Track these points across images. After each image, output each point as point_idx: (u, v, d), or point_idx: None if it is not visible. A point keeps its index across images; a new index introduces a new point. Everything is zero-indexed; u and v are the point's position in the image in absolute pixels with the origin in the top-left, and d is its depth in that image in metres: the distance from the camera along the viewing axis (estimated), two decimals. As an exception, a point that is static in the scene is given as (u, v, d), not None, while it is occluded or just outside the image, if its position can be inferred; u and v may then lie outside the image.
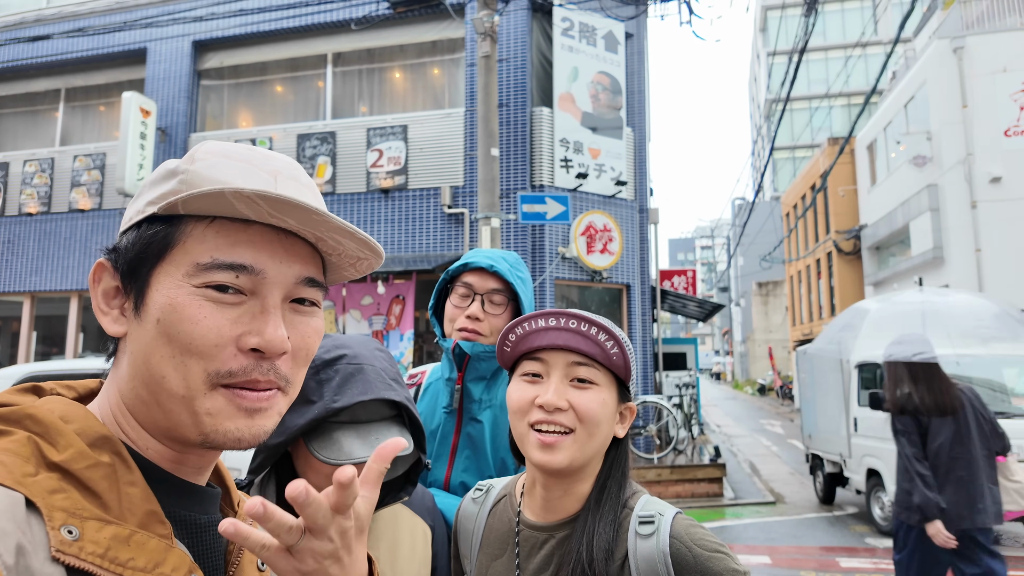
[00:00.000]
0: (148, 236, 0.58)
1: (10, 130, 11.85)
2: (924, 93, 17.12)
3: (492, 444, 1.52)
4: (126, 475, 0.56)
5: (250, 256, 0.58)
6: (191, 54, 10.55)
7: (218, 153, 0.62)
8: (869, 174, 22.05)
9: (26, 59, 11.18)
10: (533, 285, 8.47)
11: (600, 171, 9.33)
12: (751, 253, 37.69)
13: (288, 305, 0.62)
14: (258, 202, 0.56)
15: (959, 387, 3.39)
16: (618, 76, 9.67)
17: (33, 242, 10.75)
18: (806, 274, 28.79)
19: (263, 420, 0.60)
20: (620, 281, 9.44)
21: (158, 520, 0.56)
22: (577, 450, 0.98)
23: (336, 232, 0.60)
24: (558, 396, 0.98)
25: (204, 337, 0.56)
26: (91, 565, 0.49)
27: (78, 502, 0.51)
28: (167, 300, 0.57)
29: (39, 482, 0.50)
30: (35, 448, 0.53)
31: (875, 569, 5.69)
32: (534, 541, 1.04)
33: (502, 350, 1.07)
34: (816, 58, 37.55)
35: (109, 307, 0.61)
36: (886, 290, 20.67)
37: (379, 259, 0.66)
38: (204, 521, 0.63)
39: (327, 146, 9.61)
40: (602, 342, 1.00)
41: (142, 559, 0.53)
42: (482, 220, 6.86)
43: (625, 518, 1.01)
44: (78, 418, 0.56)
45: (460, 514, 1.16)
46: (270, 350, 0.58)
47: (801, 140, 37.21)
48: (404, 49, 10.00)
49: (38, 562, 0.47)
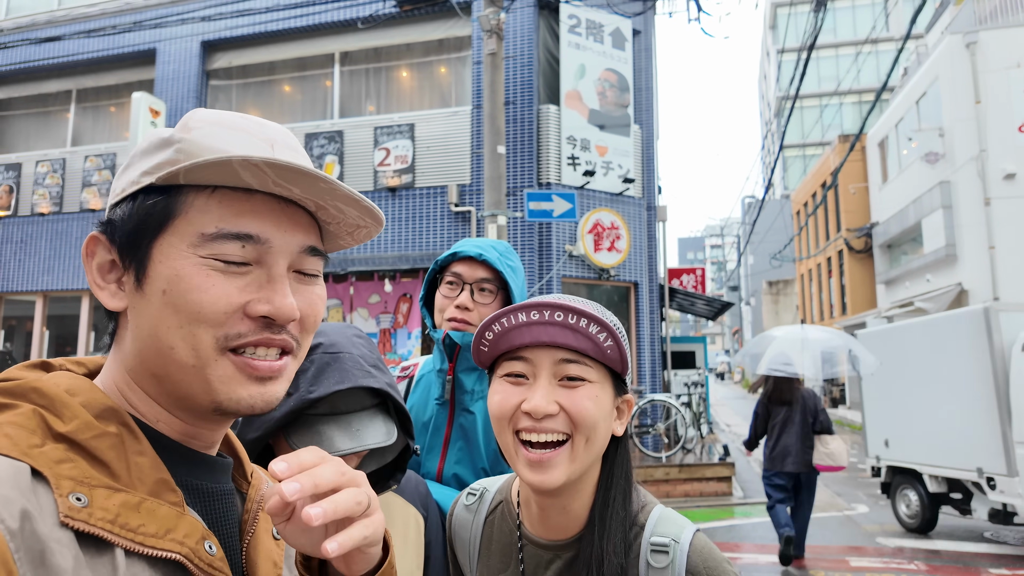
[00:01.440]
0: (147, 207, 0.57)
1: (23, 131, 11.97)
2: (936, 89, 16.94)
3: (485, 435, 1.50)
4: (134, 445, 0.55)
5: (255, 226, 0.58)
6: (200, 54, 10.62)
7: (213, 122, 0.61)
8: (880, 171, 21.85)
9: (38, 61, 11.28)
10: (540, 283, 8.46)
11: (607, 168, 9.29)
12: (761, 251, 37.47)
13: (292, 274, 0.61)
14: (265, 170, 0.55)
15: (802, 390, 5.64)
16: (625, 73, 9.63)
17: (45, 242, 10.85)
18: (817, 272, 28.58)
19: (275, 386, 0.60)
20: (628, 279, 9.40)
21: (169, 488, 0.55)
22: (574, 463, 0.87)
23: (341, 200, 0.60)
24: (546, 400, 0.85)
25: (214, 304, 0.56)
26: (101, 531, 0.49)
27: (86, 471, 0.51)
28: (172, 271, 0.56)
29: (46, 452, 0.50)
30: (40, 420, 0.52)
31: (886, 568, 5.63)
32: (539, 560, 0.95)
33: (479, 349, 0.93)
34: (826, 55, 37.27)
35: (106, 281, 0.60)
36: (898, 288, 20.49)
37: (379, 226, 0.66)
38: (216, 490, 0.62)
39: (335, 145, 9.64)
40: (594, 335, 0.86)
41: (153, 526, 0.52)
42: (489, 218, 6.85)
43: (636, 538, 0.90)
44: (83, 391, 0.56)
45: (454, 521, 1.10)
46: (281, 317, 0.58)
47: (811, 137, 36.94)
48: (411, 48, 10.00)
49: (46, 527, 0.47)
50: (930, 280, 18.07)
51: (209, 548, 0.56)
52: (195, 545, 0.54)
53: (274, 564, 0.64)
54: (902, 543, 6.39)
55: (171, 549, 0.52)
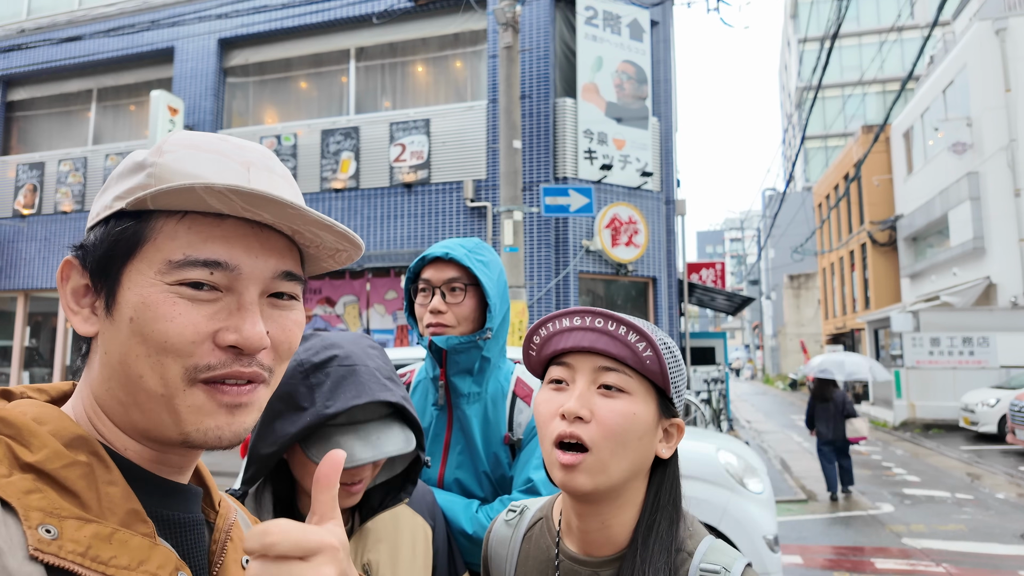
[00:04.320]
0: (117, 233, 0.57)
1: (45, 130, 12.15)
2: (964, 77, 16.52)
3: (484, 439, 1.48)
4: (104, 474, 0.54)
5: (224, 252, 0.57)
6: (217, 52, 10.67)
7: (187, 144, 0.60)
8: (905, 162, 21.41)
9: (59, 60, 11.43)
10: (557, 278, 8.38)
11: (625, 162, 9.17)
12: (782, 245, 37.00)
13: (266, 300, 0.60)
14: (231, 197, 0.54)
15: (836, 391, 8.35)
16: (643, 65, 9.49)
17: (69, 240, 11.00)
18: (839, 266, 28.14)
19: (244, 416, 0.58)
20: (646, 274, 9.29)
21: (140, 519, 0.54)
22: (600, 473, 0.86)
23: (313, 225, 0.59)
24: (580, 403, 0.86)
25: (180, 335, 0.55)
26: (71, 564, 0.48)
27: (55, 501, 0.50)
28: (140, 299, 0.55)
29: (13, 483, 0.49)
30: (7, 450, 0.51)
31: (912, 571, 5.49)
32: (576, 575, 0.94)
33: (528, 355, 0.97)
34: (849, 44, 36.57)
35: (79, 306, 0.59)
36: (924, 282, 20.08)
37: (358, 251, 0.64)
38: (188, 519, 0.61)
39: (351, 141, 9.64)
40: (632, 343, 0.87)
41: (125, 557, 0.51)
42: (504, 213, 6.78)
43: (683, 564, 0.88)
44: (52, 419, 0.55)
45: (492, 537, 1.09)
46: (248, 347, 0.57)
47: (834, 129, 36.34)
48: (426, 42, 9.96)
49: (16, 562, 0.46)
50: (957, 274, 17.68)
51: None
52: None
53: None
54: (929, 544, 6.24)
55: None
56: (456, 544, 1.38)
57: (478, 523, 1.39)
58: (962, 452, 11.34)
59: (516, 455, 1.48)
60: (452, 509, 1.41)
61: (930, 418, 14.20)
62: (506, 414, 1.49)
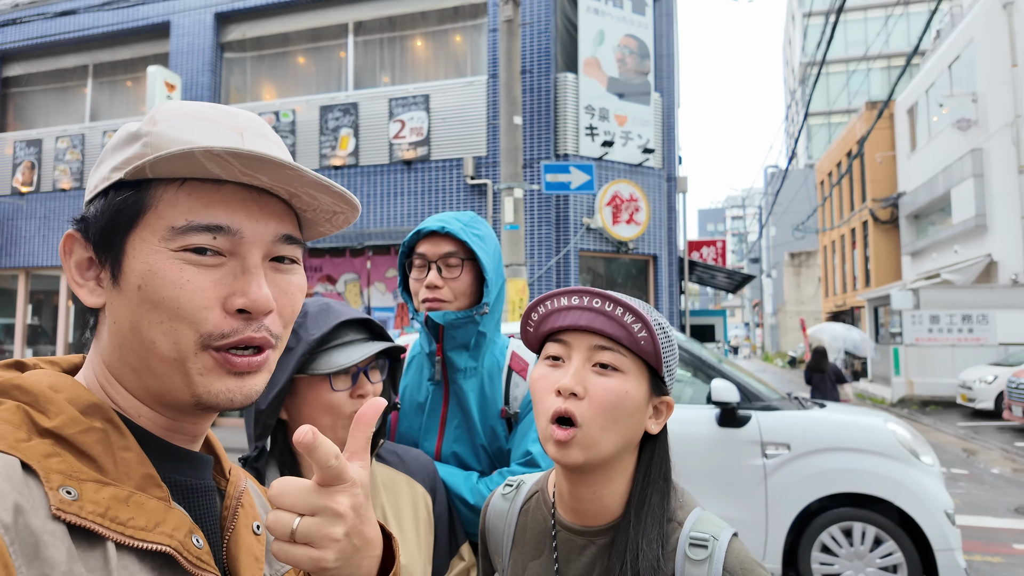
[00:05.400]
0: (117, 203, 0.57)
1: (42, 107, 12.04)
2: (971, 52, 16.30)
3: (480, 412, 1.49)
4: (119, 440, 0.56)
5: (225, 216, 0.57)
6: (213, 26, 10.52)
7: (180, 113, 0.60)
8: (909, 139, 21.24)
9: (54, 35, 11.28)
10: (557, 256, 8.37)
11: (627, 139, 9.10)
12: (783, 223, 36.87)
13: (268, 264, 0.61)
14: (229, 160, 0.54)
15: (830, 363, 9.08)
16: (646, 39, 9.36)
17: (69, 217, 10.94)
18: (840, 244, 28.08)
19: (254, 379, 0.60)
20: (647, 252, 9.27)
21: (155, 483, 0.56)
22: (590, 446, 0.89)
23: (311, 187, 0.59)
24: (575, 380, 0.90)
25: (191, 300, 0.56)
26: (92, 524, 0.49)
27: (74, 465, 0.52)
28: (146, 266, 0.56)
29: (33, 447, 0.50)
30: (25, 416, 0.52)
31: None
32: (572, 545, 0.97)
33: (525, 330, 1.00)
34: (855, 18, 36.02)
35: (84, 279, 0.60)
36: (925, 260, 20.05)
37: (355, 212, 0.65)
38: (199, 486, 0.63)
39: (350, 117, 9.55)
40: (628, 324, 0.90)
41: (142, 519, 0.53)
42: (505, 191, 6.75)
43: (673, 533, 0.92)
44: (67, 387, 0.56)
45: (490, 510, 1.12)
46: (256, 309, 0.58)
47: (837, 105, 35.97)
48: (425, 16, 9.81)
49: (39, 521, 0.47)
50: (958, 251, 17.65)
51: (196, 541, 0.56)
52: (184, 538, 0.55)
53: (255, 559, 0.64)
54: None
55: (161, 542, 0.53)
56: (457, 514, 1.40)
57: (479, 493, 1.41)
58: (959, 428, 11.43)
59: (512, 428, 1.49)
60: (453, 480, 1.43)
61: (928, 395, 14.30)
62: (502, 388, 1.50)
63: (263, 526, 0.68)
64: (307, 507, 0.56)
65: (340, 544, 0.57)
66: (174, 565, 0.54)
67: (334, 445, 0.57)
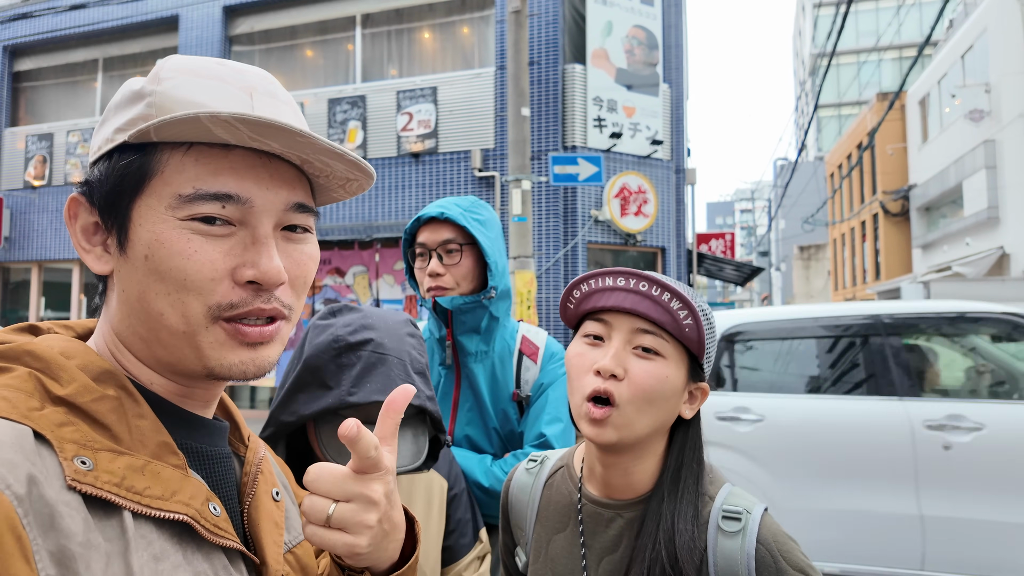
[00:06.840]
0: (122, 167, 0.55)
1: (53, 101, 12.12)
2: (984, 42, 16.10)
3: (492, 396, 1.50)
4: (134, 408, 0.54)
5: (234, 184, 0.55)
6: (222, 20, 10.55)
7: (186, 70, 0.57)
8: (920, 131, 21.03)
9: (64, 29, 11.35)
10: (565, 248, 8.37)
11: (635, 130, 9.07)
12: (793, 215, 36.63)
13: (280, 233, 0.59)
14: (237, 126, 0.52)
15: None
16: (654, 30, 9.31)
17: (79, 211, 11.10)
18: (850, 237, 27.88)
19: (267, 351, 0.58)
20: (655, 244, 9.25)
21: (171, 451, 0.55)
22: (624, 426, 0.90)
23: (323, 154, 0.57)
24: (616, 362, 0.89)
25: (199, 272, 0.54)
26: (108, 494, 0.48)
27: (88, 434, 0.50)
28: (153, 236, 0.54)
29: (46, 416, 0.49)
30: (38, 383, 0.51)
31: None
32: (599, 518, 0.98)
33: (565, 307, 0.99)
34: (866, 8, 35.63)
35: (91, 244, 0.58)
36: (936, 252, 19.88)
37: (370, 180, 0.63)
38: (215, 453, 0.62)
39: (357, 110, 9.56)
40: (674, 310, 0.89)
41: (159, 488, 0.52)
42: (513, 183, 6.75)
43: (705, 506, 0.93)
44: (79, 353, 0.55)
45: (513, 484, 1.12)
46: (267, 281, 0.56)
47: (848, 96, 35.65)
48: (433, 8, 9.80)
49: (53, 491, 0.46)
50: (970, 244, 17.49)
51: (214, 509, 0.56)
52: (200, 506, 0.54)
53: (275, 524, 0.64)
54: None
55: (178, 511, 0.52)
56: (475, 499, 1.41)
57: (493, 476, 1.42)
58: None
59: (524, 411, 1.50)
60: (467, 464, 1.44)
61: (938, 388, 14.19)
62: (513, 371, 1.51)
63: (281, 492, 0.68)
64: (343, 494, 0.57)
65: (373, 530, 0.57)
66: (192, 532, 0.53)
67: (374, 436, 0.57)
